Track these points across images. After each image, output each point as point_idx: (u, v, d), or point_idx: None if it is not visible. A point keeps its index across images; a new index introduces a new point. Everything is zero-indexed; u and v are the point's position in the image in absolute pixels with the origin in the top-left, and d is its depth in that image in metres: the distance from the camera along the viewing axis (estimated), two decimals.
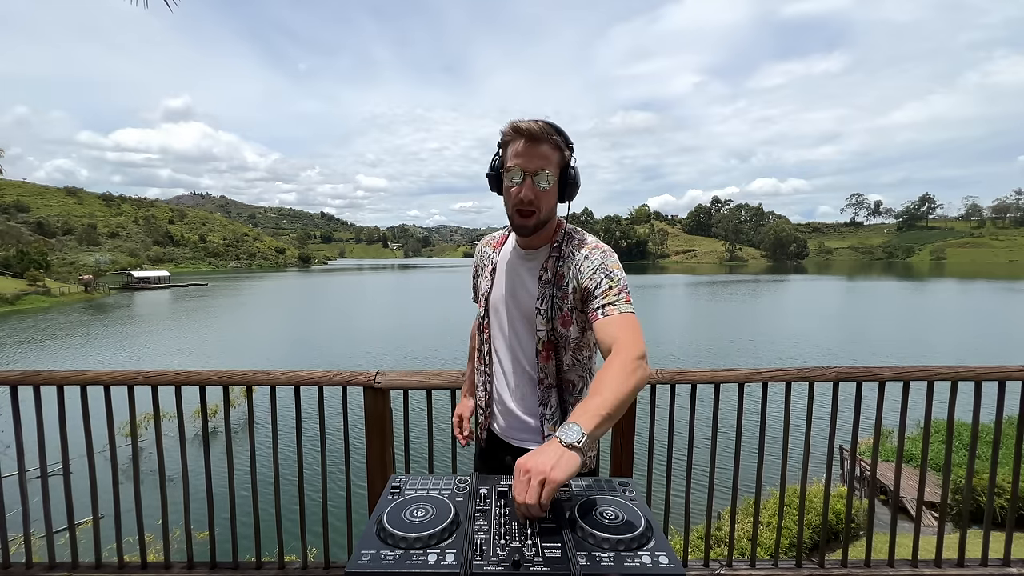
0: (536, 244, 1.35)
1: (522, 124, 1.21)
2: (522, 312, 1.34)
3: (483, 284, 1.45)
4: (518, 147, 1.22)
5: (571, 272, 1.28)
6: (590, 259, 1.26)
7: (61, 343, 29.80)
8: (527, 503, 0.84)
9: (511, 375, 1.37)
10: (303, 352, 26.61)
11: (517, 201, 1.24)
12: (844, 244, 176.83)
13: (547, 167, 1.22)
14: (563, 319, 1.29)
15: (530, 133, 1.20)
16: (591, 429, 0.93)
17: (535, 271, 1.33)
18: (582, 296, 1.26)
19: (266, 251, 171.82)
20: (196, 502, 2.00)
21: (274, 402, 2.03)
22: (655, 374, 1.92)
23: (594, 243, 1.31)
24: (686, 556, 2.10)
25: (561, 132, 1.24)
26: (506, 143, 1.26)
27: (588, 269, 1.25)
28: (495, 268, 1.43)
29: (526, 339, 1.34)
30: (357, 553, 0.83)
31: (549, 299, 1.29)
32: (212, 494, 2.04)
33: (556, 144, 1.23)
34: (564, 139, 1.25)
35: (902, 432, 2.00)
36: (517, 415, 1.37)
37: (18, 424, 1.96)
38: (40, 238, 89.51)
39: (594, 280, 1.23)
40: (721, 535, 5.90)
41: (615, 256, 1.29)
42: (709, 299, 55.99)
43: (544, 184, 1.22)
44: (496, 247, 1.47)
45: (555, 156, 1.23)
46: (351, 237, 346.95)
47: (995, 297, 54.48)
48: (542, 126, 1.21)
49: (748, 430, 1.98)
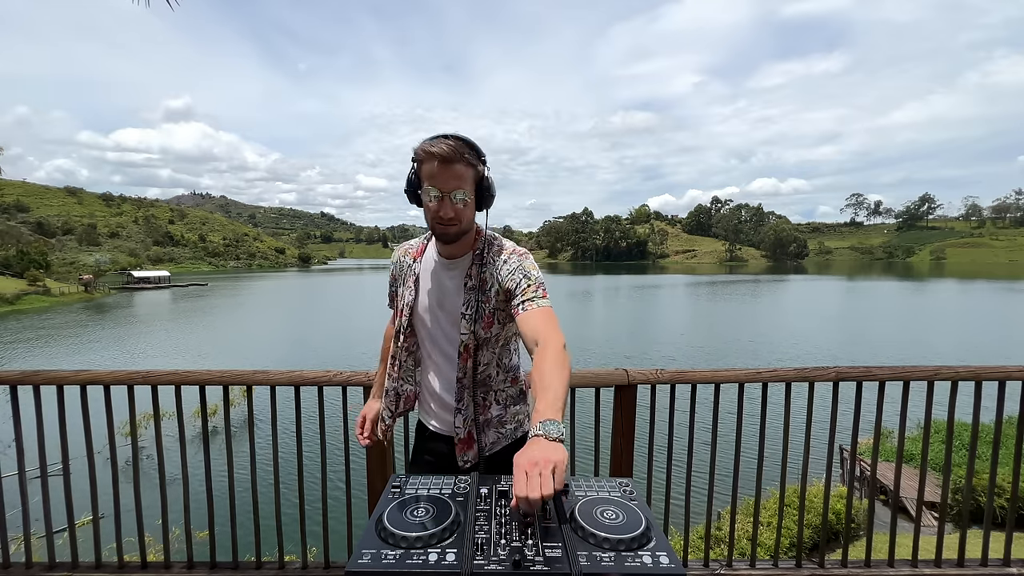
0: (458, 252, 1.41)
1: (434, 147, 1.24)
2: (449, 317, 1.41)
3: (406, 293, 1.46)
4: (432, 168, 1.25)
5: (492, 277, 1.37)
6: (508, 263, 1.36)
7: (61, 343, 29.80)
8: (548, 493, 0.84)
9: (444, 375, 1.44)
10: (303, 352, 26.61)
11: (437, 217, 1.30)
12: (844, 244, 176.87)
13: (462, 185, 1.27)
14: (485, 322, 1.37)
15: (442, 156, 1.23)
16: (562, 420, 1.04)
17: (459, 278, 1.40)
18: (505, 297, 1.36)
19: (266, 251, 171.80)
20: (196, 502, 2.00)
21: (274, 402, 2.03)
22: (655, 374, 1.92)
23: (511, 247, 1.41)
24: (686, 556, 2.10)
25: (474, 147, 1.28)
26: (420, 161, 1.29)
27: (507, 272, 1.35)
28: (417, 277, 1.45)
29: (449, 343, 1.41)
30: (358, 552, 0.83)
31: (474, 304, 1.36)
32: (212, 494, 2.04)
33: (469, 162, 1.27)
34: (477, 153, 1.29)
35: (902, 432, 2.00)
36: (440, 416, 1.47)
37: (18, 424, 1.96)
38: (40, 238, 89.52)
39: (513, 280, 1.32)
40: (721, 535, 5.90)
41: (531, 258, 1.40)
42: (709, 299, 56.00)
43: (461, 201, 1.28)
44: (416, 256, 1.48)
45: (469, 173, 1.28)
46: (351, 237, 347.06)
47: (995, 297, 54.49)
48: (453, 147, 1.24)
49: (748, 430, 1.98)
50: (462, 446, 1.40)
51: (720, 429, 1.96)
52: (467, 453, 1.40)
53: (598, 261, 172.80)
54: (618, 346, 27.47)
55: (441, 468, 1.44)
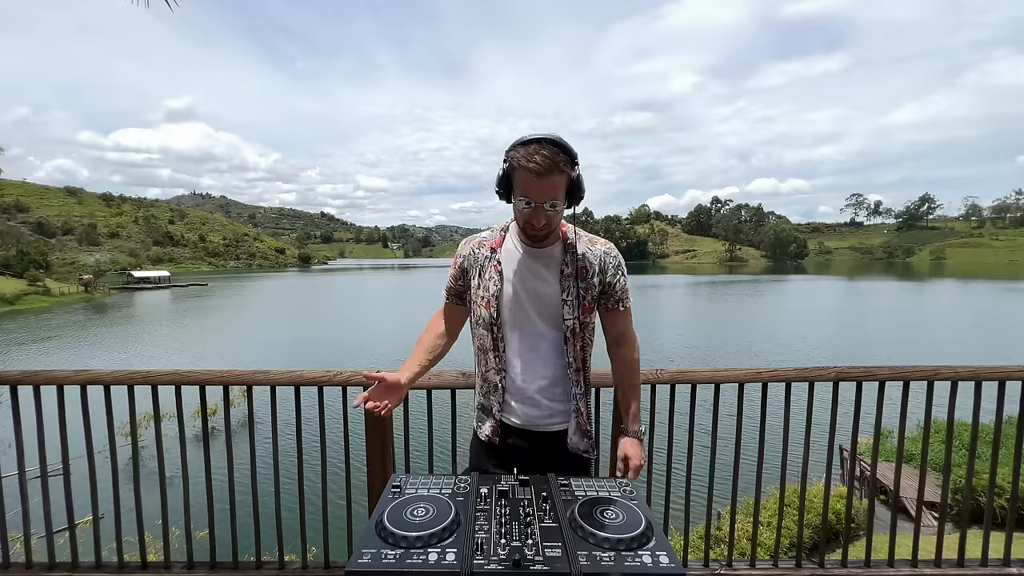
0: (547, 243, 1.42)
1: (529, 162, 1.22)
2: (545, 305, 1.41)
3: (490, 285, 1.43)
4: (528, 179, 1.25)
5: (594, 267, 1.42)
6: (610, 255, 1.44)
7: (61, 343, 29.79)
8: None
9: (535, 367, 1.44)
10: (303, 352, 26.60)
11: (529, 225, 1.32)
12: (844, 244, 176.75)
13: (557, 196, 1.27)
14: (585, 307, 1.41)
15: (538, 171, 1.22)
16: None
17: (553, 266, 1.41)
18: (603, 289, 1.44)
19: (266, 251, 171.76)
20: (196, 502, 2.00)
21: (274, 402, 2.03)
22: (655, 374, 1.92)
23: (605, 240, 1.47)
24: (686, 556, 2.10)
25: (568, 151, 1.26)
26: (513, 168, 1.27)
27: (611, 266, 1.43)
28: (501, 268, 1.43)
29: (550, 330, 1.43)
30: (358, 552, 0.83)
31: (575, 291, 1.39)
32: (212, 494, 2.04)
33: (563, 170, 1.25)
34: (571, 159, 1.27)
35: (902, 432, 2.00)
36: (542, 405, 1.45)
37: (18, 424, 1.95)
38: (40, 238, 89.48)
39: (615, 277, 1.44)
40: (721, 535, 5.90)
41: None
42: (709, 299, 55.99)
43: (554, 209, 1.28)
44: (495, 248, 1.47)
45: (563, 181, 1.27)
46: (351, 237, 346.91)
47: (995, 297, 54.47)
48: (549, 159, 1.22)
49: (748, 430, 1.97)
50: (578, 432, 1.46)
51: (720, 429, 1.96)
52: (582, 441, 1.46)
53: None
54: None
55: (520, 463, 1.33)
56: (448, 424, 1.98)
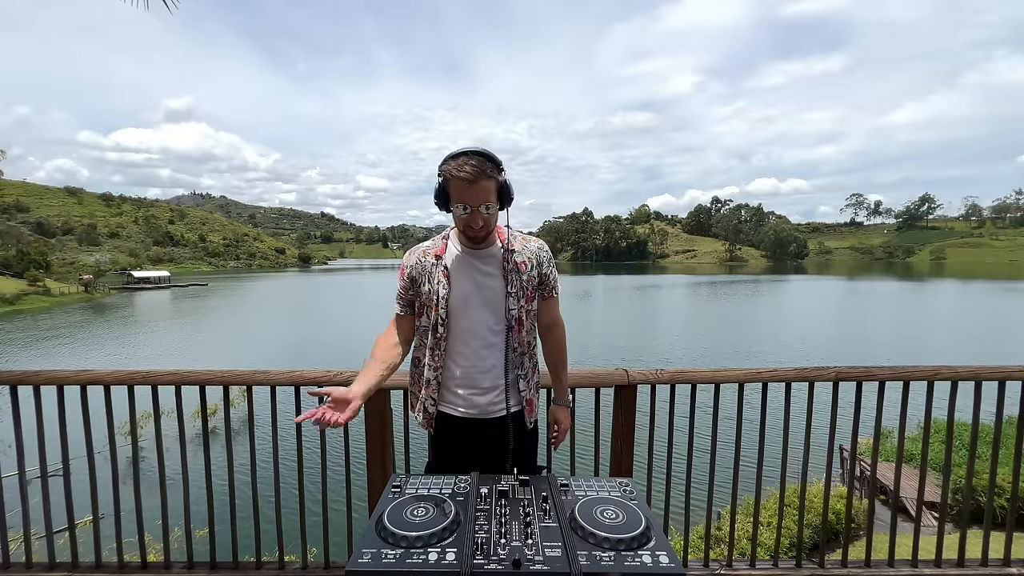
0: (487, 244, 1.56)
1: (460, 172, 1.37)
2: (492, 300, 1.56)
3: (439, 288, 1.55)
4: (461, 187, 1.40)
5: (531, 262, 1.59)
6: (543, 250, 1.65)
7: (61, 343, 29.79)
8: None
9: (483, 359, 1.57)
10: (303, 352, 26.60)
11: (469, 228, 1.47)
12: (844, 244, 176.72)
13: (488, 198, 1.42)
14: (527, 297, 1.58)
15: (468, 178, 1.37)
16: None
17: (495, 264, 1.57)
18: (540, 280, 1.62)
19: (266, 251, 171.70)
20: (196, 502, 2.00)
21: (274, 402, 2.03)
22: (655, 374, 1.92)
23: (537, 238, 1.67)
24: (686, 556, 2.10)
25: (493, 159, 1.42)
26: (447, 180, 1.42)
27: (545, 260, 1.63)
28: (448, 272, 1.56)
29: (496, 322, 1.56)
30: (358, 552, 0.83)
31: (517, 282, 1.55)
32: (212, 494, 2.03)
33: (490, 176, 1.41)
34: (496, 165, 1.43)
35: (902, 432, 2.00)
36: (491, 392, 1.58)
37: (18, 424, 1.96)
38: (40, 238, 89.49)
39: (549, 268, 1.64)
40: (721, 535, 5.90)
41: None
42: (709, 299, 55.98)
43: (488, 211, 1.44)
44: (439, 254, 1.59)
45: (492, 185, 1.43)
46: (351, 237, 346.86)
47: (995, 297, 54.46)
48: (476, 167, 1.38)
49: (748, 430, 1.98)
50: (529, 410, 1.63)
51: (720, 429, 1.96)
52: (530, 416, 1.64)
53: (598, 261, 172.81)
54: (618, 346, 27.46)
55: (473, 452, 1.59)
56: None
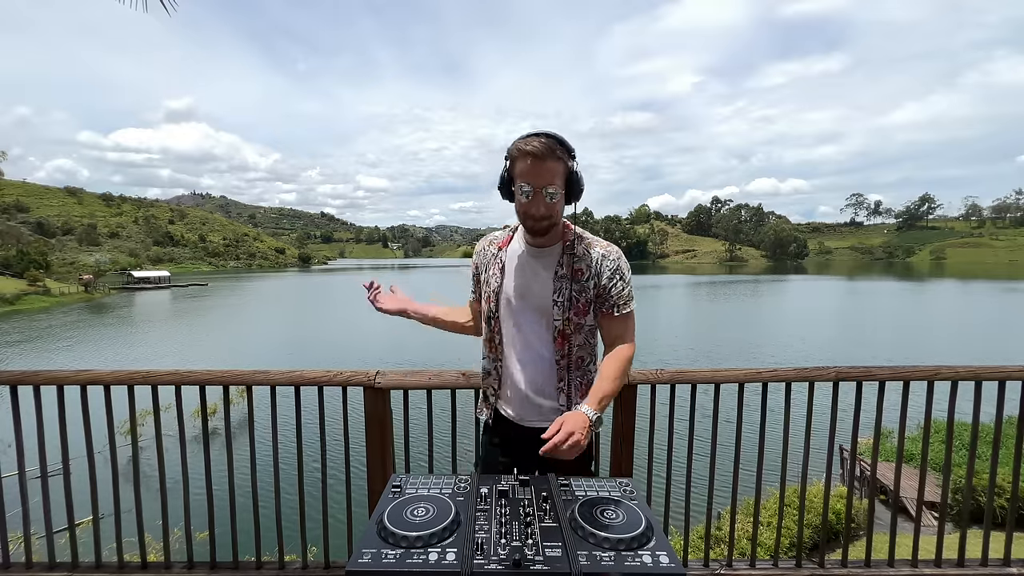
0: (548, 243, 1.46)
1: (527, 145, 1.29)
2: (537, 304, 1.45)
3: (492, 280, 1.51)
4: (526, 165, 1.32)
5: (590, 270, 1.43)
6: (608, 259, 1.44)
7: (61, 343, 29.79)
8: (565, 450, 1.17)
9: (527, 363, 1.49)
10: (303, 352, 26.60)
11: (529, 213, 1.37)
12: (844, 244, 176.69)
13: (554, 181, 1.33)
14: (578, 310, 1.44)
15: (535, 153, 1.29)
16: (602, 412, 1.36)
17: (550, 266, 1.45)
18: (598, 292, 1.44)
19: (266, 251, 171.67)
20: (196, 502, 2.00)
21: (274, 402, 2.03)
22: (655, 374, 1.92)
23: (607, 244, 1.48)
24: (686, 556, 2.10)
25: (564, 143, 1.32)
26: (513, 159, 1.35)
27: (607, 270, 1.44)
28: (503, 265, 1.50)
29: (541, 328, 1.46)
30: (358, 552, 0.83)
31: (567, 292, 1.42)
32: (212, 494, 2.03)
33: (559, 158, 1.32)
34: (567, 150, 1.33)
35: (902, 432, 2.00)
36: (531, 400, 1.50)
37: (18, 424, 1.95)
38: (40, 238, 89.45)
39: (612, 281, 1.43)
40: (721, 535, 5.90)
41: (625, 258, 1.48)
42: (709, 299, 55.97)
43: (553, 197, 1.34)
44: (502, 246, 1.54)
45: (560, 168, 1.33)
46: (351, 237, 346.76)
47: (995, 297, 54.45)
48: (546, 144, 1.29)
49: (748, 430, 1.97)
50: None
51: (720, 429, 1.96)
52: None
53: None
54: None
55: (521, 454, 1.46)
56: (448, 424, 1.98)
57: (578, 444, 1.18)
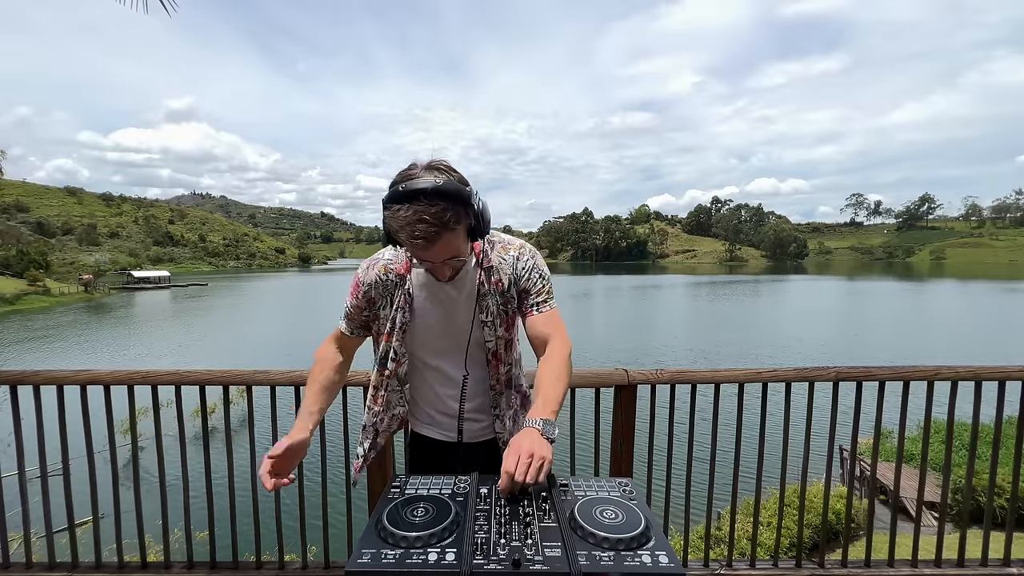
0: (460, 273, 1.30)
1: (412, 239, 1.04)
2: (463, 331, 1.30)
3: (397, 315, 1.29)
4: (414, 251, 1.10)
5: (507, 276, 1.29)
6: (522, 260, 1.30)
7: (61, 343, 29.79)
8: (532, 481, 0.96)
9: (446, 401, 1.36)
10: (303, 352, 26.58)
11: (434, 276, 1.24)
12: (844, 244, 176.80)
13: (455, 251, 1.12)
14: (508, 323, 1.32)
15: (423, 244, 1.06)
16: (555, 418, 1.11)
17: (467, 287, 1.29)
18: (518, 295, 1.31)
19: (266, 251, 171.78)
20: (196, 502, 2.00)
21: (274, 402, 2.03)
22: (655, 374, 1.92)
23: (518, 243, 1.33)
24: (686, 556, 2.10)
25: (453, 195, 1.04)
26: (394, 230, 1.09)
27: (523, 270, 1.30)
28: (410, 295, 1.29)
29: (469, 358, 1.31)
30: (357, 552, 0.83)
31: (493, 307, 1.28)
32: (212, 494, 2.03)
33: (453, 226, 1.07)
34: (460, 203, 1.06)
35: (902, 432, 2.00)
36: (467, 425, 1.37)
37: (18, 424, 1.95)
38: (40, 238, 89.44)
39: (531, 280, 1.30)
40: (721, 535, 5.90)
41: (540, 254, 1.34)
42: (709, 299, 55.98)
43: (457, 261, 1.16)
44: (403, 272, 1.30)
45: (459, 230, 1.09)
46: (351, 237, 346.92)
47: (995, 297, 54.46)
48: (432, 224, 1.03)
49: (748, 430, 1.97)
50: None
51: (720, 429, 1.96)
52: None
53: (598, 261, 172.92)
54: (618, 346, 27.46)
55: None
56: None
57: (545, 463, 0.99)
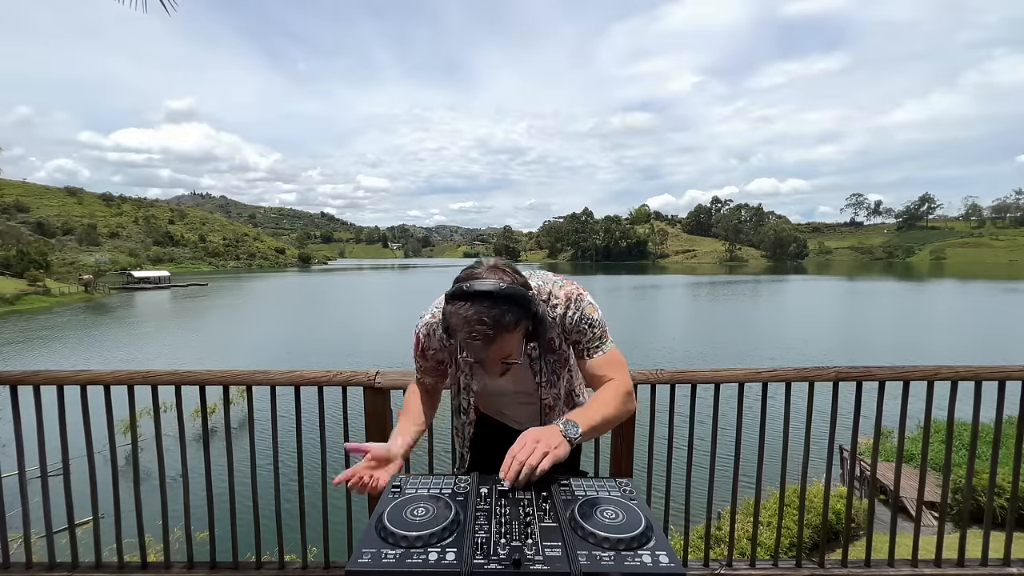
0: None
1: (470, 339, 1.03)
2: (526, 391, 1.38)
3: (460, 378, 1.37)
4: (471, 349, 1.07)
5: (557, 337, 1.30)
6: (568, 315, 1.26)
7: (61, 343, 29.78)
8: (529, 463, 0.98)
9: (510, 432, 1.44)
10: (303, 352, 26.59)
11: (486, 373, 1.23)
12: (844, 244, 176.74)
13: (510, 353, 1.10)
14: (559, 375, 1.37)
15: (480, 347, 1.04)
16: (584, 431, 1.11)
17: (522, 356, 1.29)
18: (571, 346, 1.33)
19: (266, 251, 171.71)
20: (196, 502, 2.00)
21: (274, 402, 2.03)
22: (655, 374, 1.92)
23: (563, 296, 1.27)
24: (686, 556, 2.10)
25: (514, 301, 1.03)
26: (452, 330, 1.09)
27: (571, 324, 1.26)
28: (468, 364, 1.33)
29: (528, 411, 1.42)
30: (358, 552, 0.83)
31: (547, 369, 1.32)
32: (212, 494, 2.04)
33: (511, 328, 1.05)
34: (522, 309, 1.06)
35: (902, 432, 2.00)
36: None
37: (18, 424, 1.95)
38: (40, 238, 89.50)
39: (579, 331, 1.27)
40: (721, 535, 5.90)
41: (587, 297, 1.28)
42: (709, 299, 55.99)
43: (510, 361, 1.13)
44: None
45: (516, 335, 1.08)
46: (351, 237, 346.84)
47: (995, 297, 54.45)
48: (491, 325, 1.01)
49: (748, 430, 1.98)
50: None
51: (720, 429, 1.96)
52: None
53: (598, 261, 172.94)
54: (618, 346, 27.42)
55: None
56: (448, 424, 1.98)
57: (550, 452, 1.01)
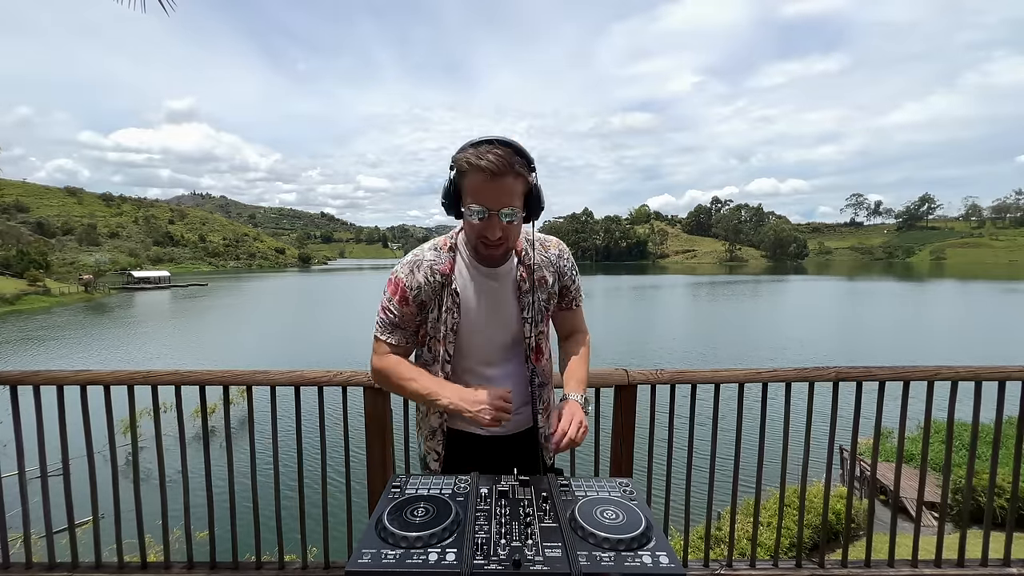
0: (502, 259, 1.30)
1: (481, 159, 1.09)
2: (508, 328, 1.33)
3: (447, 318, 1.28)
4: (478, 182, 1.12)
5: (551, 274, 1.36)
6: (563, 257, 1.38)
7: (61, 343, 29.78)
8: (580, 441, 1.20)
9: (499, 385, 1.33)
10: (303, 352, 26.59)
11: (483, 237, 1.18)
12: (844, 244, 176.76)
13: (512, 201, 1.15)
14: (546, 319, 1.39)
15: (492, 169, 1.09)
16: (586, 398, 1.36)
17: (510, 284, 1.31)
18: (560, 294, 1.40)
19: (266, 251, 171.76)
20: (196, 502, 2.00)
21: (274, 402, 2.03)
22: (655, 374, 1.92)
23: (555, 240, 1.39)
24: (686, 556, 2.10)
25: (524, 154, 1.14)
26: (462, 172, 1.15)
27: (566, 268, 1.39)
28: (457, 294, 1.28)
29: (513, 351, 1.36)
30: (358, 552, 0.83)
31: (537, 304, 1.33)
32: (212, 494, 2.03)
33: (519, 173, 1.13)
34: (527, 162, 1.14)
35: (902, 432, 2.00)
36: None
37: (18, 424, 1.95)
38: (40, 238, 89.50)
39: (571, 278, 1.40)
40: (721, 535, 5.90)
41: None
42: (709, 300, 55.99)
43: (511, 219, 1.16)
44: (446, 271, 1.29)
45: (519, 186, 1.15)
46: (351, 237, 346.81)
47: (995, 297, 54.46)
48: (503, 157, 1.09)
49: (748, 430, 1.97)
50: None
51: (720, 429, 1.96)
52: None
53: (598, 261, 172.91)
54: (618, 346, 27.45)
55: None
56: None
57: (584, 429, 1.21)
